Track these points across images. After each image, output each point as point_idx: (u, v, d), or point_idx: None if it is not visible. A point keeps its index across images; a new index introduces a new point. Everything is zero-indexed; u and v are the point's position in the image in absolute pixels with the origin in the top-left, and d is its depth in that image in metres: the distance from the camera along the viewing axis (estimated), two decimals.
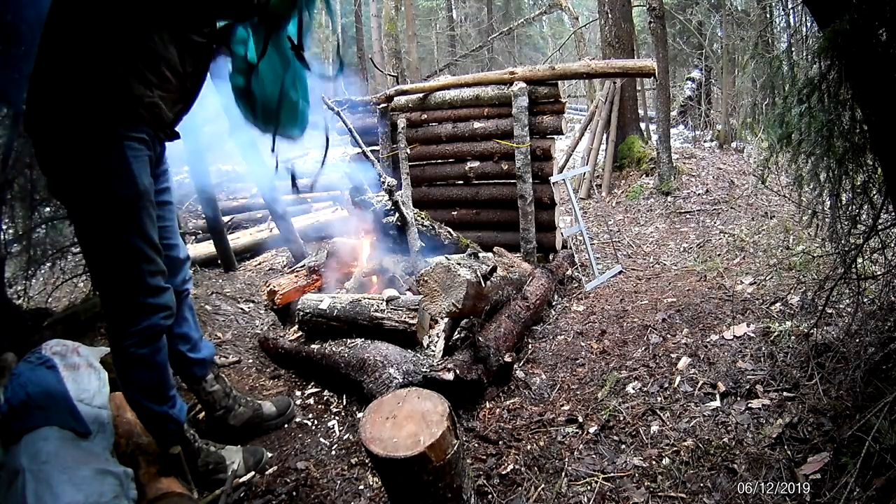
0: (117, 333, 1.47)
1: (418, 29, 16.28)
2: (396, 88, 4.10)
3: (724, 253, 3.79)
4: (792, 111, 1.56)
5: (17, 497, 1.21)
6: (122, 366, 1.51)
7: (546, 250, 3.83)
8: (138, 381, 1.52)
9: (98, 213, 1.36)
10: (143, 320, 1.46)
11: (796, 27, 2.49)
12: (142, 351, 1.48)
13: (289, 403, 2.12)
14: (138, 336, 1.47)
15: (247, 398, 2.02)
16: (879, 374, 1.53)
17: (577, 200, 3.98)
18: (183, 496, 1.54)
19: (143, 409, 1.57)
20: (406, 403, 1.31)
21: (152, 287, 1.47)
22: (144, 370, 1.51)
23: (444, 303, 2.04)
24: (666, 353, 2.16)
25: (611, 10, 6.73)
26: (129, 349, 1.47)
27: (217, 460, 1.71)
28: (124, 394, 1.59)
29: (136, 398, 1.55)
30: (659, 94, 5.87)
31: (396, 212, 2.92)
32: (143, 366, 1.50)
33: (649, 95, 8.99)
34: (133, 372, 1.51)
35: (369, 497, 1.68)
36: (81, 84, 1.27)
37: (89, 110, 1.29)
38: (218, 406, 1.90)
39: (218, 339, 2.74)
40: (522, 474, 1.69)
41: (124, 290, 1.43)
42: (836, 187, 1.59)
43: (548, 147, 3.59)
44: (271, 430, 2.03)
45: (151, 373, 1.52)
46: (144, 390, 1.53)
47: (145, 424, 1.62)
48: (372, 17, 13.96)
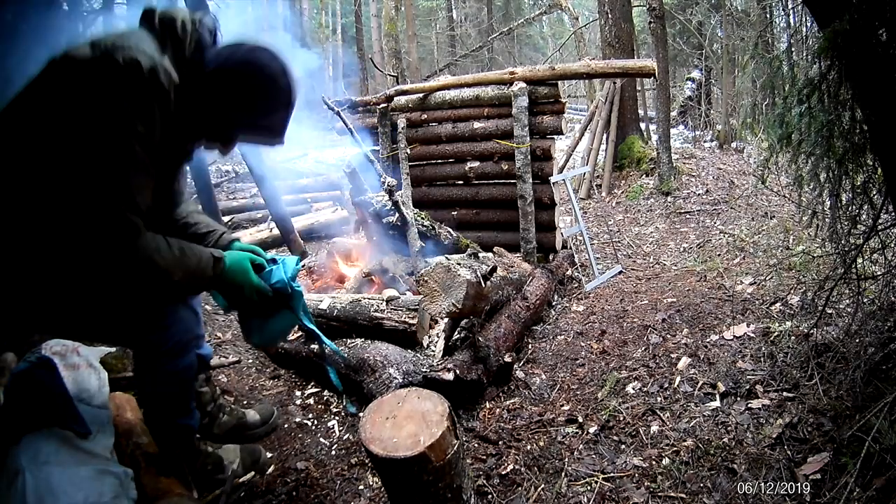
0: (150, 353, 1.46)
1: (418, 29, 16.29)
2: (396, 88, 4.10)
3: (724, 253, 3.79)
4: (792, 111, 1.56)
5: (17, 497, 1.21)
6: (153, 383, 1.50)
7: (546, 250, 3.83)
8: (168, 396, 1.52)
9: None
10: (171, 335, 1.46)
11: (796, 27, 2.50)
12: (174, 365, 1.47)
13: (273, 412, 2.06)
14: (170, 351, 1.46)
15: (232, 406, 1.99)
16: (879, 374, 1.53)
17: (577, 200, 3.98)
18: (183, 496, 1.54)
19: (171, 424, 1.57)
20: (406, 403, 1.31)
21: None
22: (176, 384, 1.51)
23: (444, 303, 2.04)
24: (666, 353, 2.16)
25: (611, 10, 6.73)
26: (166, 366, 1.46)
27: (216, 460, 1.71)
28: (149, 411, 1.59)
29: (167, 414, 1.55)
30: (659, 94, 5.88)
31: (396, 212, 2.92)
32: (173, 380, 1.50)
33: (649, 95, 8.99)
34: (164, 387, 1.50)
35: (369, 497, 1.68)
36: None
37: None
38: (203, 412, 1.86)
39: (218, 339, 2.73)
40: (522, 474, 1.69)
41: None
42: (836, 187, 1.59)
43: (548, 147, 3.59)
44: (255, 439, 1.97)
45: (182, 385, 1.53)
46: (173, 405, 1.54)
47: (167, 439, 1.61)
48: (372, 17, 13.98)
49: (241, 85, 1.30)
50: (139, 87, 1.13)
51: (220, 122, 1.35)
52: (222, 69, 1.29)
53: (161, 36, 1.23)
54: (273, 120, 1.37)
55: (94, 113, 1.11)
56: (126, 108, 1.12)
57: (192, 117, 1.30)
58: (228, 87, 1.30)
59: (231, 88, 1.30)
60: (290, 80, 1.34)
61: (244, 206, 5.68)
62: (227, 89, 1.30)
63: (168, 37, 1.24)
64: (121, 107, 1.12)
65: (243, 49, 1.31)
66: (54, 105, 1.13)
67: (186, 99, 1.25)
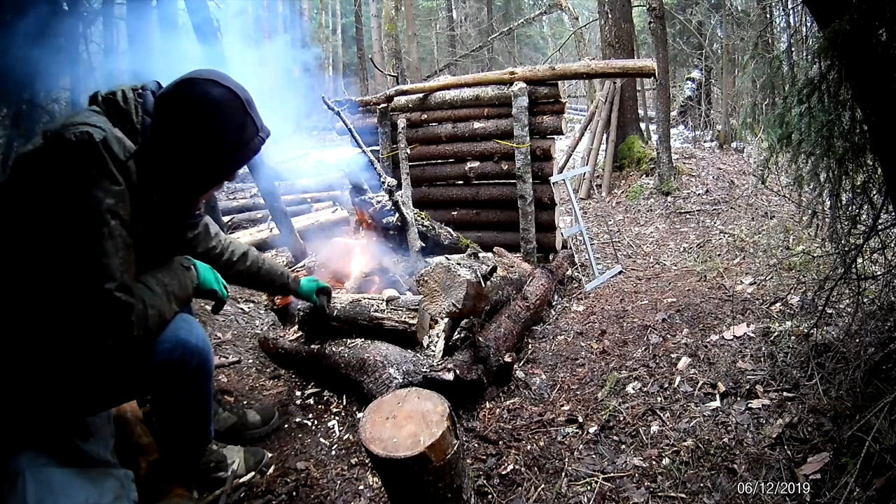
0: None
1: (418, 29, 16.28)
2: (396, 88, 4.10)
3: (724, 253, 3.79)
4: (792, 111, 1.56)
5: (17, 499, 1.21)
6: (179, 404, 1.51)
7: (546, 250, 3.83)
8: (198, 407, 1.54)
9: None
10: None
11: (796, 27, 2.50)
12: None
13: (273, 413, 2.07)
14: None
15: (232, 404, 2.00)
16: (879, 374, 1.53)
17: (577, 200, 3.98)
18: (183, 496, 1.54)
19: (201, 434, 1.59)
20: (406, 403, 1.31)
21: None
22: (204, 396, 1.53)
23: (444, 303, 2.04)
24: (666, 353, 2.16)
25: (611, 10, 6.73)
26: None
27: (218, 458, 1.71)
28: (176, 430, 1.58)
29: (201, 425, 1.57)
30: (659, 94, 5.88)
31: (396, 212, 2.92)
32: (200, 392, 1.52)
33: (649, 95, 8.99)
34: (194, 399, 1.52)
35: (369, 497, 1.68)
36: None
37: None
38: None
39: (218, 339, 2.73)
40: (522, 474, 1.69)
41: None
42: (836, 187, 1.59)
43: (548, 147, 3.59)
44: (255, 440, 1.98)
45: (207, 398, 1.55)
46: (198, 419, 1.56)
47: (189, 451, 1.62)
48: (372, 17, 13.99)
49: (181, 125, 1.25)
50: (94, 158, 1.13)
51: (185, 167, 1.30)
52: (155, 120, 1.27)
53: (107, 112, 1.24)
54: (233, 137, 1.31)
55: (57, 194, 1.12)
56: (87, 181, 1.12)
57: (161, 175, 1.28)
58: (171, 133, 1.26)
59: (172, 133, 1.26)
60: (217, 95, 1.26)
61: (244, 206, 5.68)
62: (167, 133, 1.26)
63: (113, 111, 1.24)
64: (82, 181, 1.12)
65: (165, 93, 1.28)
66: (21, 200, 1.14)
67: (150, 161, 1.25)
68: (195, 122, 1.25)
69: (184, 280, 1.41)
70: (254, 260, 1.87)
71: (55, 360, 1.21)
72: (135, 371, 1.33)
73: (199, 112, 1.25)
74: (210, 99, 1.24)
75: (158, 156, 1.26)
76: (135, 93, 1.29)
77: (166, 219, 1.39)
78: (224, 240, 1.78)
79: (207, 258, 1.69)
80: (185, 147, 1.26)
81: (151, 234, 1.33)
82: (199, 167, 1.30)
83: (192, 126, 1.25)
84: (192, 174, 1.31)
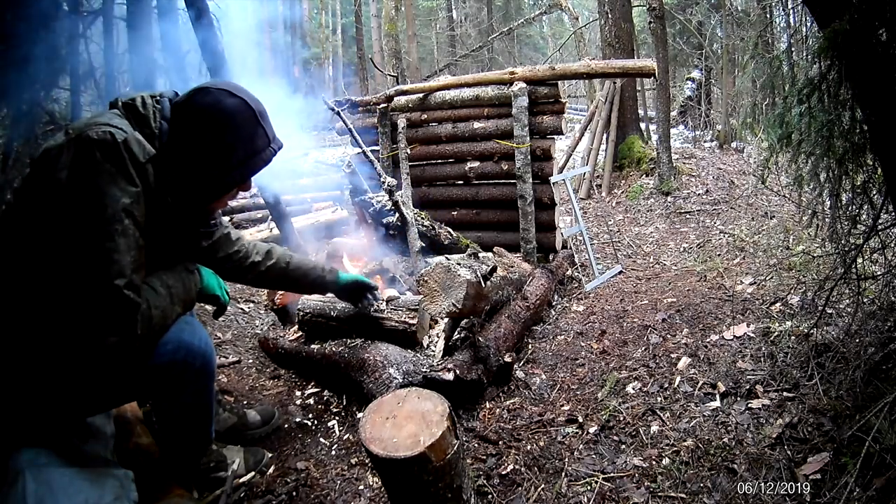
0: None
1: (418, 29, 16.29)
2: (396, 88, 4.10)
3: (724, 253, 3.79)
4: (792, 111, 1.56)
5: (17, 499, 1.21)
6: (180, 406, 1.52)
7: (546, 250, 3.83)
8: (199, 408, 1.56)
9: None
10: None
11: (796, 27, 2.49)
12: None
13: (274, 414, 2.07)
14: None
15: (232, 404, 2.00)
16: (879, 374, 1.54)
17: (577, 200, 3.98)
18: (183, 496, 1.54)
19: (202, 436, 1.61)
20: (406, 403, 1.31)
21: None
22: (206, 397, 1.55)
23: (444, 303, 2.04)
24: (666, 353, 2.16)
25: (611, 10, 6.74)
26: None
27: (218, 458, 1.71)
28: (177, 431, 1.59)
29: (202, 427, 1.59)
30: (659, 94, 5.88)
31: (396, 212, 2.92)
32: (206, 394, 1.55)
33: (649, 95, 8.99)
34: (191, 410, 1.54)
35: (369, 497, 1.68)
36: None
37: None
38: None
39: (218, 339, 2.74)
40: (522, 474, 1.69)
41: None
42: (836, 187, 1.59)
43: (548, 147, 3.59)
44: (255, 440, 1.97)
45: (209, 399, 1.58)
46: (200, 420, 1.57)
47: (190, 452, 1.63)
48: (372, 17, 13.98)
49: (195, 132, 1.29)
50: (114, 157, 1.16)
51: (197, 174, 1.33)
52: (170, 127, 1.30)
53: (126, 116, 1.27)
54: (245, 145, 1.33)
55: (76, 189, 1.14)
56: (105, 179, 1.15)
57: (175, 180, 1.31)
58: (185, 140, 1.29)
59: (186, 140, 1.29)
60: (233, 105, 1.29)
61: (244, 206, 5.67)
62: (181, 139, 1.29)
63: (132, 116, 1.28)
64: (100, 178, 1.14)
65: (181, 101, 1.32)
66: (40, 193, 1.16)
67: (166, 166, 1.28)
68: (208, 130, 1.28)
69: (188, 283, 1.42)
70: (280, 256, 1.85)
71: (57, 358, 1.21)
72: (136, 371, 1.34)
73: (211, 120, 1.28)
74: (223, 108, 1.28)
75: (173, 161, 1.29)
76: (153, 99, 1.32)
77: (180, 225, 1.40)
78: (248, 243, 1.78)
79: (231, 262, 1.70)
80: (197, 153, 1.30)
81: (164, 238, 1.34)
82: (210, 174, 1.33)
83: (204, 133, 1.28)
84: (203, 180, 1.34)
